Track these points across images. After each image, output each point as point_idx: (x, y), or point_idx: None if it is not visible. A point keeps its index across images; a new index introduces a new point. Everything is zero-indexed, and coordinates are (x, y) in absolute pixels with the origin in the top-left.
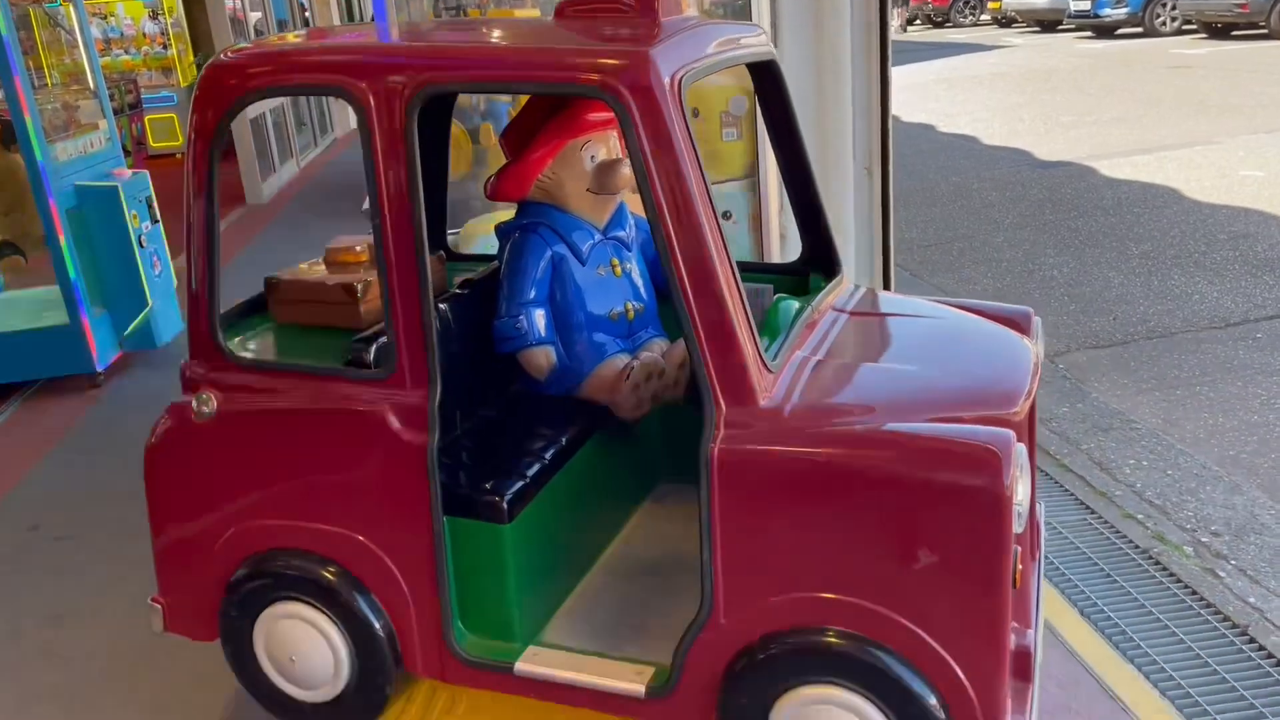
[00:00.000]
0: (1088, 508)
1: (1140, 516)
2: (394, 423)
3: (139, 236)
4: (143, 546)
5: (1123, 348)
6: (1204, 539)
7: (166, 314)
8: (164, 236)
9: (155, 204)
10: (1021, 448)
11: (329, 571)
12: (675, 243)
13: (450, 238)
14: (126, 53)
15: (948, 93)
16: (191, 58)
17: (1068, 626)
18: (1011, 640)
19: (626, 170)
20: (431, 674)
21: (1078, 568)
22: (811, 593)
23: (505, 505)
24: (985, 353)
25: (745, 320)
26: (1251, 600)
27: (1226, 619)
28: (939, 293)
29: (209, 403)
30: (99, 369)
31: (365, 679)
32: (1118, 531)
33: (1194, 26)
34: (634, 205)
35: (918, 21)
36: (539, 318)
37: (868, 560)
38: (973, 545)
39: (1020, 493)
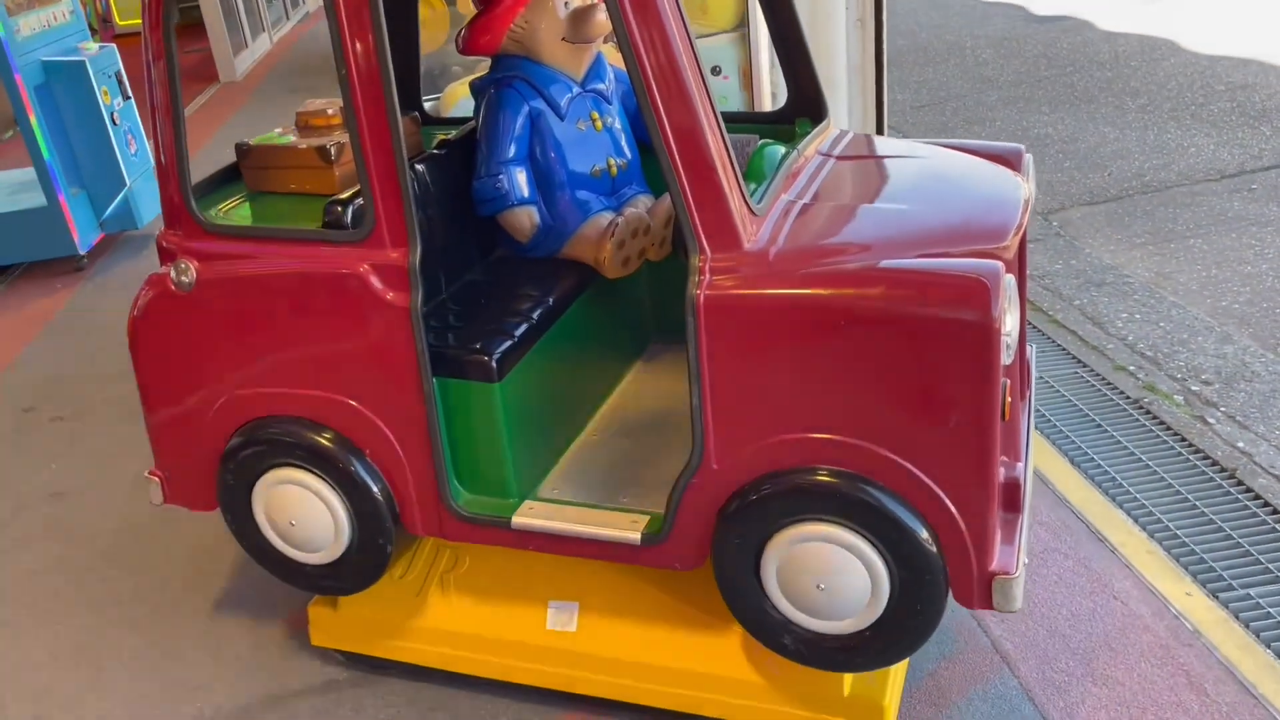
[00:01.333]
0: (1079, 361)
1: (1131, 368)
2: (375, 283)
3: (111, 113)
4: (138, 426)
5: (1117, 203)
6: (1194, 388)
7: (146, 193)
8: (137, 114)
9: (126, 80)
10: (1010, 279)
11: (323, 437)
12: (654, 87)
13: (431, 104)
14: None
15: None
16: None
17: (1057, 474)
18: (1001, 472)
19: (602, 16)
20: (430, 532)
21: (1068, 419)
22: (801, 433)
23: (494, 364)
24: (974, 189)
25: (729, 164)
26: (1240, 445)
27: (1215, 463)
28: None
29: (187, 272)
30: (81, 251)
31: (365, 539)
32: (1109, 383)
33: None
34: (610, 57)
35: None
36: (520, 176)
37: (857, 398)
38: (962, 377)
39: (1009, 323)
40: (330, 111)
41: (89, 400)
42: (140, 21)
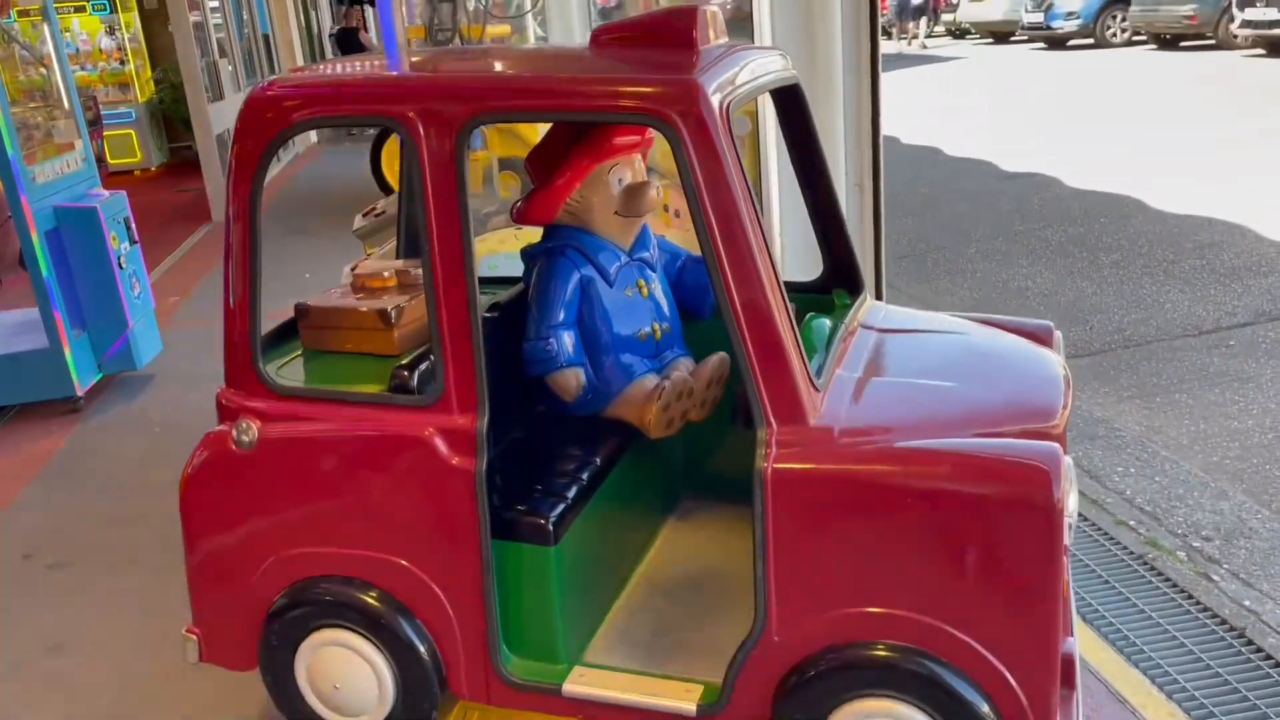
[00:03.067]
0: (1081, 515)
1: (1132, 523)
2: (441, 448)
3: (118, 258)
4: (138, 574)
5: (1101, 356)
6: (1195, 544)
7: (146, 336)
8: (141, 258)
9: (133, 224)
10: (1069, 460)
11: (372, 597)
12: (727, 267)
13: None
14: (82, 68)
15: (909, 105)
16: (149, 73)
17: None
18: (1060, 650)
19: (653, 193)
20: (477, 698)
21: (1076, 574)
22: (864, 607)
23: (551, 528)
24: (1019, 367)
25: (794, 341)
26: (1246, 603)
27: (1224, 622)
28: (917, 304)
29: (249, 431)
30: (79, 393)
31: (410, 704)
32: (1111, 538)
33: (1144, 38)
34: (654, 226)
35: None
36: (568, 340)
37: (920, 574)
38: (1026, 558)
39: (1070, 504)
40: (386, 274)
41: (87, 547)
42: (132, 160)
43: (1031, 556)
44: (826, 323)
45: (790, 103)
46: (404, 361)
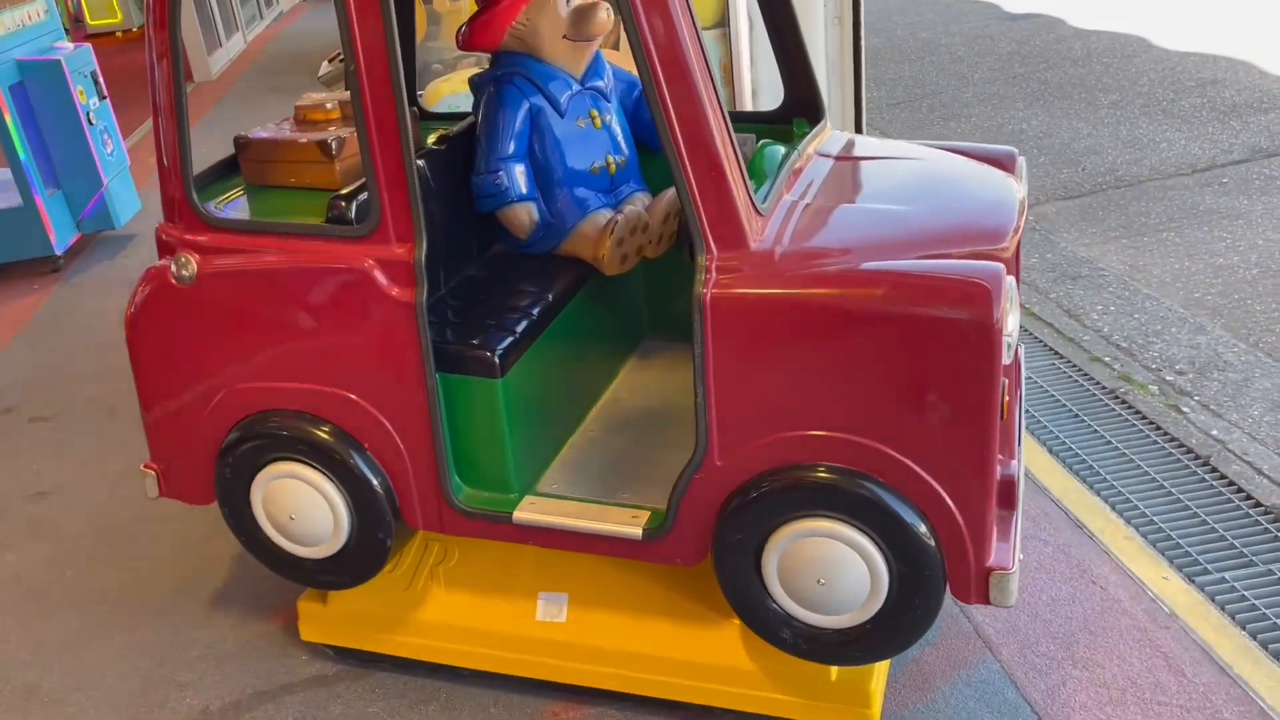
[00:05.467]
0: (1056, 353)
1: (1107, 359)
2: (380, 279)
3: (88, 113)
4: (119, 426)
5: (1091, 197)
6: (1169, 377)
7: (123, 193)
8: (113, 115)
9: (100, 79)
10: (1011, 280)
11: (323, 431)
12: (664, 87)
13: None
14: None
15: None
16: None
17: (1037, 464)
18: (997, 470)
19: (604, 15)
20: (431, 527)
21: (1046, 409)
22: (804, 430)
23: (497, 360)
24: (972, 191)
25: (736, 165)
26: (1214, 433)
27: (1190, 451)
28: None
29: (188, 265)
30: (58, 251)
31: (365, 534)
32: (1085, 374)
33: None
34: (612, 59)
35: None
36: (519, 173)
37: (860, 396)
38: (964, 377)
39: (1010, 324)
40: (329, 106)
41: (68, 400)
42: (113, 21)
43: (970, 375)
44: (780, 150)
45: None
46: (344, 192)
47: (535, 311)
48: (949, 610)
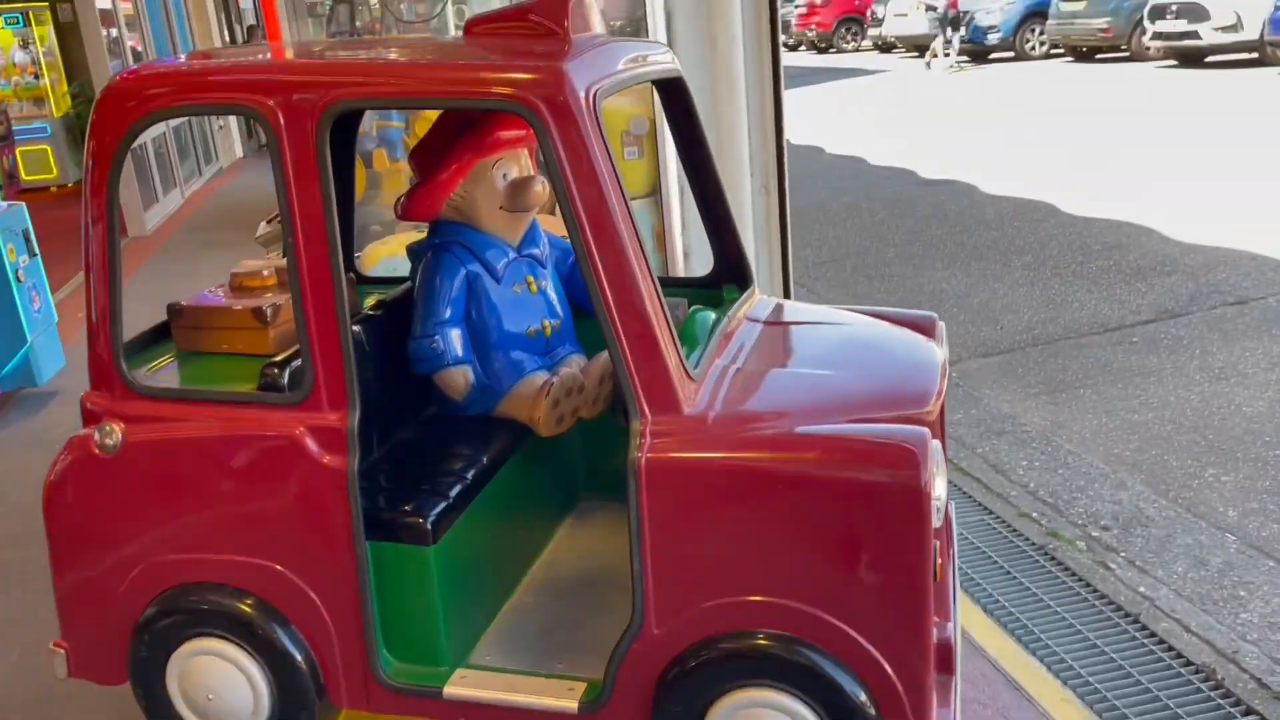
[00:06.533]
0: (985, 508)
1: (1035, 514)
2: (312, 446)
3: (15, 270)
4: (28, 593)
5: (1010, 355)
6: (1095, 533)
7: (47, 350)
8: (43, 271)
9: (33, 237)
10: (937, 444)
11: (246, 604)
12: (596, 255)
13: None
14: None
15: (832, 116)
16: (65, 87)
17: (973, 623)
18: (934, 634)
19: (539, 187)
20: (356, 705)
21: (978, 566)
22: (741, 597)
23: (429, 527)
24: (896, 356)
25: (668, 331)
26: (1141, 590)
27: (1119, 608)
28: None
29: (113, 434)
30: None
31: (286, 714)
32: (1014, 530)
33: (1061, 50)
34: (547, 225)
35: (802, 47)
36: (455, 337)
37: (794, 562)
38: (895, 540)
39: (938, 488)
40: (265, 273)
41: None
42: (48, 177)
43: (900, 539)
44: (711, 315)
45: (674, 97)
46: (277, 359)
47: (469, 475)
48: None
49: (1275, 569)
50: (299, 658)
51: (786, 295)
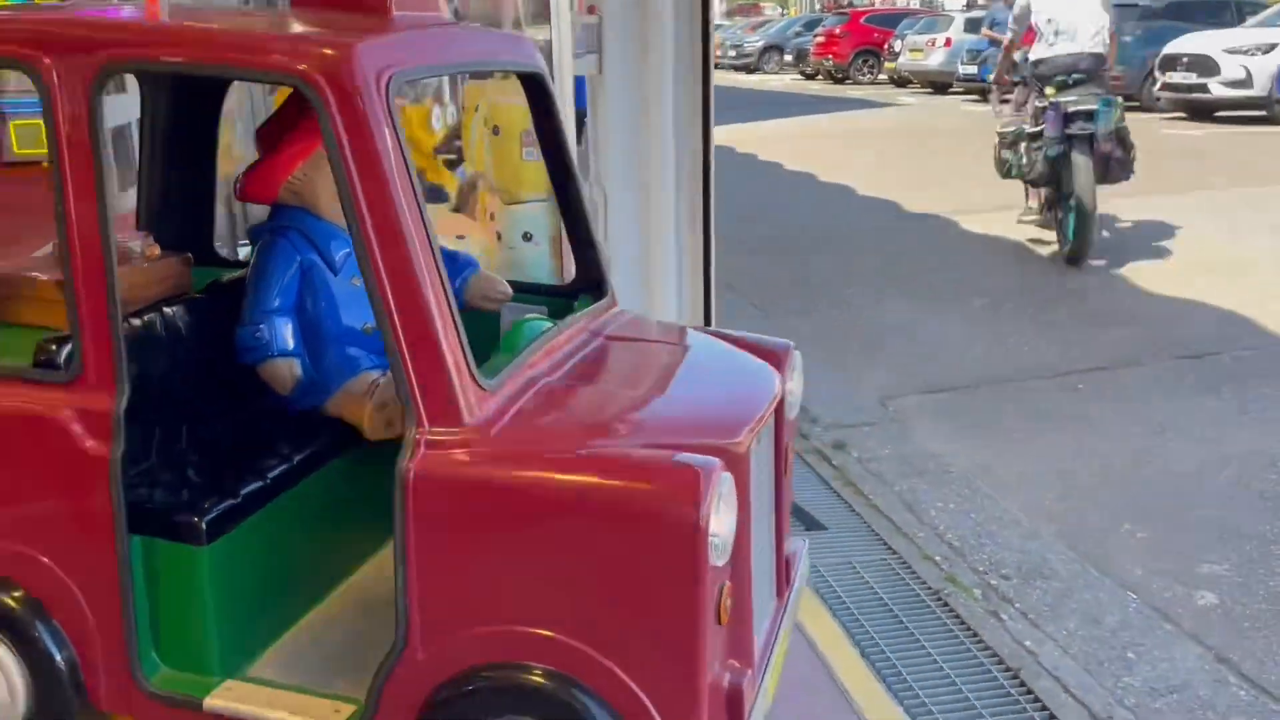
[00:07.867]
0: (888, 547)
1: (937, 557)
2: (75, 430)
3: None
4: None
5: (952, 393)
6: (994, 581)
7: None
8: None
9: None
10: (728, 477)
11: (13, 596)
12: (376, 252)
13: (245, 250)
14: None
15: (835, 145)
16: None
17: (844, 665)
18: (725, 679)
19: None
20: (116, 708)
21: (865, 605)
22: (511, 625)
23: (204, 525)
24: (721, 382)
25: (455, 336)
26: (1028, 644)
27: (1001, 662)
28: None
29: None
30: None
31: (43, 715)
32: (912, 571)
33: None
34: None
35: (819, 76)
36: (284, 327)
37: (566, 592)
38: (666, 577)
39: (720, 524)
40: None
41: None
42: (41, 151)
43: (673, 576)
44: (541, 325)
45: (535, 93)
46: (62, 334)
47: (271, 475)
48: None
49: (1170, 634)
50: (59, 656)
51: (708, 314)
